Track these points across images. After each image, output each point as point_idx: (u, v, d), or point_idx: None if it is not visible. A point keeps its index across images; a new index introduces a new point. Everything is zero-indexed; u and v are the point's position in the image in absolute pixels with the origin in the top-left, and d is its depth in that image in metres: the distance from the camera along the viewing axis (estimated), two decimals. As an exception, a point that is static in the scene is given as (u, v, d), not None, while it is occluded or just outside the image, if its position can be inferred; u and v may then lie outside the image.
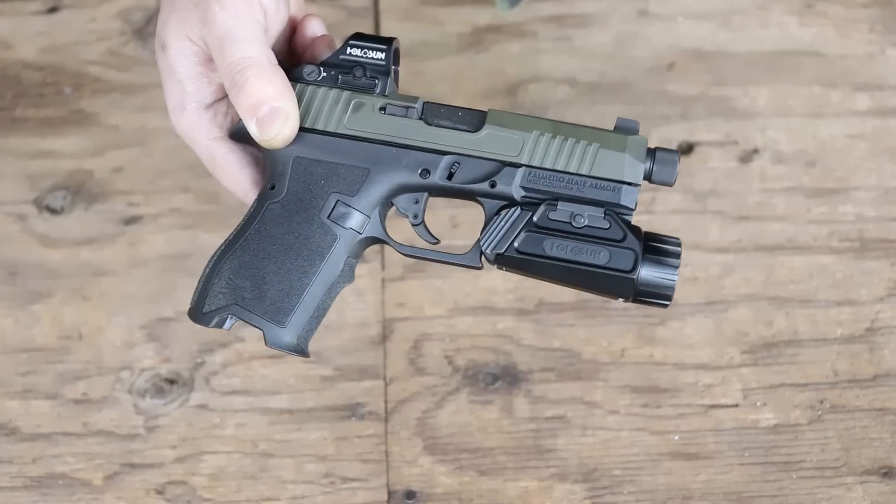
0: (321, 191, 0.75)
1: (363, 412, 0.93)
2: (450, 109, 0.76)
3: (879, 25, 1.11)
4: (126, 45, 1.12)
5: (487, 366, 0.95)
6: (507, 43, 1.11)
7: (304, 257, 0.75)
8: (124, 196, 1.04)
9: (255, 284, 0.75)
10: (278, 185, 0.76)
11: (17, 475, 0.91)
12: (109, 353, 0.96)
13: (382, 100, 0.76)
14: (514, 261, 0.74)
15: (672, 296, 0.74)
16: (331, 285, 0.76)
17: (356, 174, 0.75)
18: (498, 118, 0.75)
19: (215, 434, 0.93)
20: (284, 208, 0.76)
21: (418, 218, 0.77)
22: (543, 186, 0.74)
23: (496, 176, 0.75)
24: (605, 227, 0.74)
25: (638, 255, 0.73)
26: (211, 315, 0.75)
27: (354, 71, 0.76)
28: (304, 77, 0.76)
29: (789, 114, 1.07)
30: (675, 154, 0.74)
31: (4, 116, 1.08)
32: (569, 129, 0.75)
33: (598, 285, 0.74)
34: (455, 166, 0.75)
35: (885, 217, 1.01)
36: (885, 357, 0.95)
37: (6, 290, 0.99)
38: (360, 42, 0.76)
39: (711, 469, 0.91)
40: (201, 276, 0.77)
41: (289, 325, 0.75)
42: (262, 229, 0.76)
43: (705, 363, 0.95)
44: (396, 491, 0.90)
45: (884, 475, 0.90)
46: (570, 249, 0.74)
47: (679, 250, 0.74)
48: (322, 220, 0.75)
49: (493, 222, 0.74)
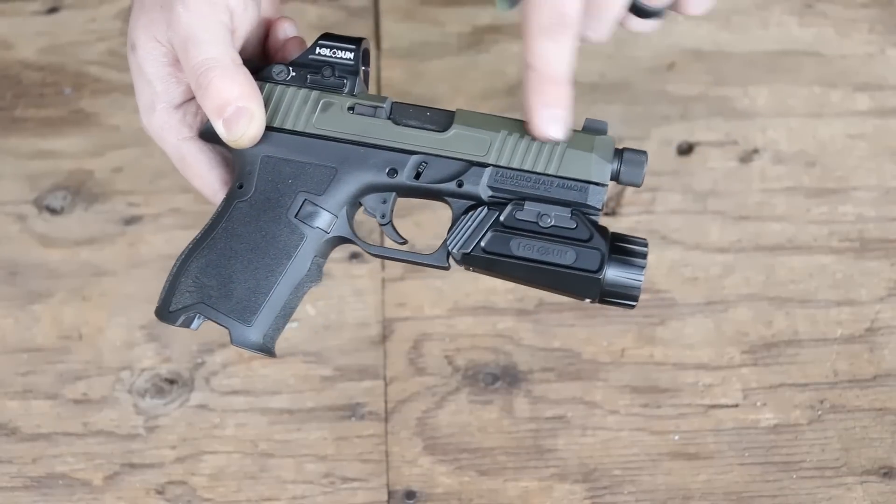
0: (289, 189, 0.76)
1: (363, 412, 0.93)
2: (418, 109, 0.76)
3: (879, 25, 1.11)
4: (126, 45, 1.12)
5: (487, 366, 0.95)
6: (507, 43, 1.11)
7: (271, 256, 0.75)
8: (124, 196, 1.04)
9: (221, 283, 0.75)
10: (246, 183, 0.76)
11: (17, 475, 0.91)
12: (109, 353, 0.96)
13: (351, 99, 0.76)
14: (481, 260, 0.74)
15: (638, 297, 0.74)
16: (297, 284, 0.76)
17: (324, 173, 0.76)
18: (465, 118, 0.76)
19: (215, 434, 0.93)
20: (252, 207, 0.76)
21: (386, 218, 0.77)
22: (510, 186, 0.74)
23: (463, 175, 0.75)
24: (571, 227, 0.74)
25: (604, 255, 0.73)
26: (177, 314, 0.76)
27: (323, 70, 0.76)
28: (272, 77, 0.77)
29: (789, 114, 1.07)
30: (642, 155, 0.74)
31: (4, 116, 1.08)
32: None
33: (564, 285, 0.74)
34: (422, 166, 0.75)
35: (885, 217, 1.01)
36: (885, 357, 0.95)
37: (6, 290, 0.99)
38: (329, 42, 0.77)
39: (711, 469, 0.91)
40: (169, 275, 0.77)
41: (255, 323, 0.75)
42: (229, 228, 0.76)
43: (705, 363, 0.95)
44: (396, 491, 0.90)
45: (884, 475, 0.90)
46: (536, 249, 0.74)
47: (645, 251, 0.74)
48: (289, 218, 0.76)
49: (459, 222, 0.75)
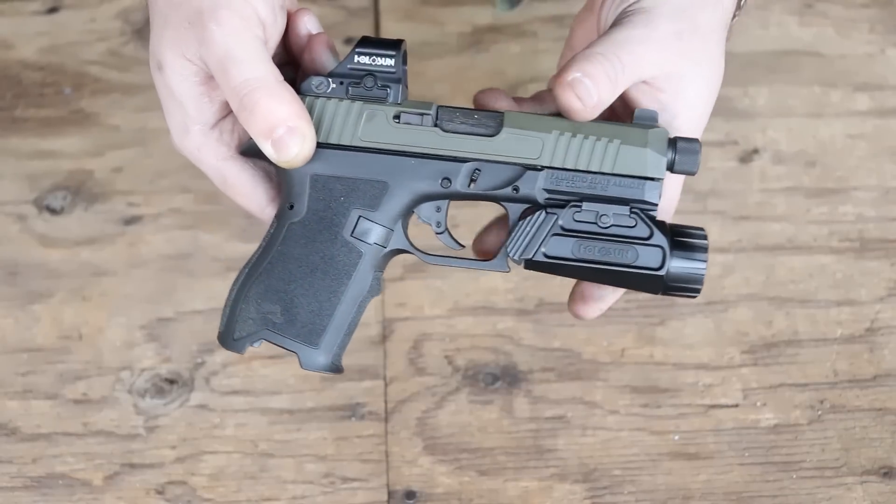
0: (342, 208, 0.74)
1: (363, 412, 0.93)
2: (465, 113, 0.74)
3: (879, 25, 1.11)
4: (126, 45, 1.12)
5: (487, 366, 0.95)
6: (507, 43, 1.11)
7: (331, 277, 0.74)
8: (124, 196, 1.04)
9: (284, 308, 0.74)
10: (297, 204, 0.74)
11: (17, 475, 0.91)
12: (109, 353, 0.96)
13: (395, 108, 0.73)
14: (544, 265, 0.73)
15: (702, 287, 0.73)
16: (360, 301, 0.75)
17: (376, 188, 0.73)
18: (515, 119, 0.73)
19: (215, 434, 0.93)
20: (306, 228, 0.74)
21: (441, 226, 0.75)
22: (567, 187, 0.73)
23: (518, 180, 0.73)
24: (630, 224, 0.73)
25: (666, 252, 0.72)
26: (243, 342, 0.74)
27: (365, 81, 0.73)
28: (312, 90, 0.73)
29: (789, 114, 1.07)
30: (696, 143, 0.73)
31: (4, 116, 1.08)
32: (588, 126, 0.73)
33: (628, 283, 0.74)
34: (476, 173, 0.73)
35: (885, 217, 1.01)
36: (885, 357, 0.95)
37: (6, 290, 0.99)
38: (368, 49, 0.73)
39: (711, 469, 0.91)
40: (227, 300, 0.76)
41: (322, 345, 0.74)
42: (285, 251, 0.74)
43: (705, 363, 0.95)
44: (396, 491, 0.90)
45: (884, 475, 0.90)
46: (597, 250, 0.73)
47: (706, 242, 0.73)
48: (345, 237, 0.74)
49: (518, 227, 0.73)
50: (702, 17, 0.74)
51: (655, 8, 0.73)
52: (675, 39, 0.73)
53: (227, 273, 1.00)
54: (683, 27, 0.73)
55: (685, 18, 0.73)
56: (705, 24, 0.74)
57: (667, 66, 0.73)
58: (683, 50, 0.73)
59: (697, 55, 0.74)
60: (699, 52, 0.74)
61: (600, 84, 0.71)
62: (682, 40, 0.73)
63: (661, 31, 0.73)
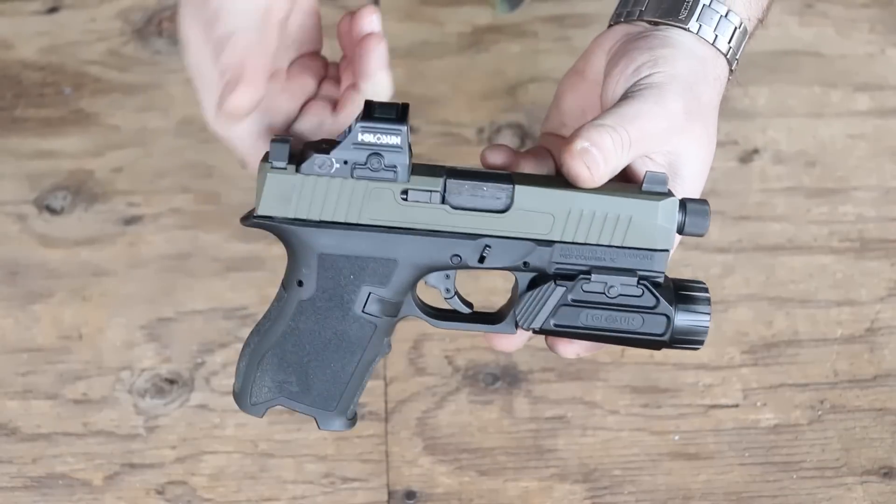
0: (352, 285, 0.73)
1: (363, 412, 0.93)
2: (474, 186, 0.72)
3: (879, 25, 1.11)
4: (126, 45, 1.12)
5: (487, 366, 0.95)
6: (507, 43, 1.11)
7: (345, 349, 0.74)
8: (124, 196, 1.04)
9: (299, 379, 0.75)
10: (307, 282, 0.73)
11: (17, 475, 0.91)
12: (109, 353, 0.96)
13: (403, 185, 0.71)
14: (552, 332, 0.74)
15: (705, 339, 0.74)
16: (372, 364, 0.76)
17: (385, 266, 0.73)
18: (526, 196, 0.72)
19: (215, 434, 0.93)
20: (316, 306, 0.73)
21: (450, 292, 0.75)
22: (576, 260, 0.72)
23: (529, 255, 0.73)
24: (637, 294, 0.73)
25: (671, 320, 0.73)
26: (260, 407, 0.75)
27: (370, 161, 0.70)
28: (315, 170, 0.70)
29: (789, 114, 1.07)
30: (705, 205, 0.73)
31: (4, 116, 1.08)
32: (598, 201, 0.72)
33: (631, 344, 0.74)
34: (486, 250, 0.72)
35: (885, 217, 1.01)
36: (885, 357, 0.95)
37: (6, 290, 0.99)
38: (372, 125, 0.70)
39: (711, 469, 0.91)
40: (239, 362, 0.76)
41: (338, 409, 0.75)
42: (297, 327, 0.74)
43: (705, 363, 0.95)
44: (396, 491, 0.90)
45: (884, 475, 0.90)
46: (604, 318, 0.73)
47: (708, 296, 0.74)
48: (357, 313, 0.73)
49: (527, 297, 0.73)
50: (704, 94, 0.75)
51: (666, 84, 0.73)
52: (683, 118, 0.73)
53: (227, 273, 1.00)
54: (691, 106, 0.73)
55: (692, 97, 0.74)
56: (707, 102, 0.75)
57: (670, 143, 0.74)
58: (687, 129, 0.74)
59: (699, 133, 0.75)
60: (701, 130, 0.75)
61: (608, 155, 0.71)
62: (689, 119, 0.73)
63: (670, 109, 0.73)
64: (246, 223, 0.73)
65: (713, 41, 0.75)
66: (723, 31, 0.76)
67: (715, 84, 0.76)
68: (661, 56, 0.74)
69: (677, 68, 0.73)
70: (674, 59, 0.74)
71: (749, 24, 0.78)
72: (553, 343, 0.77)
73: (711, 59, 0.75)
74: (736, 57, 0.77)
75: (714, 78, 0.76)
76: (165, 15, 1.14)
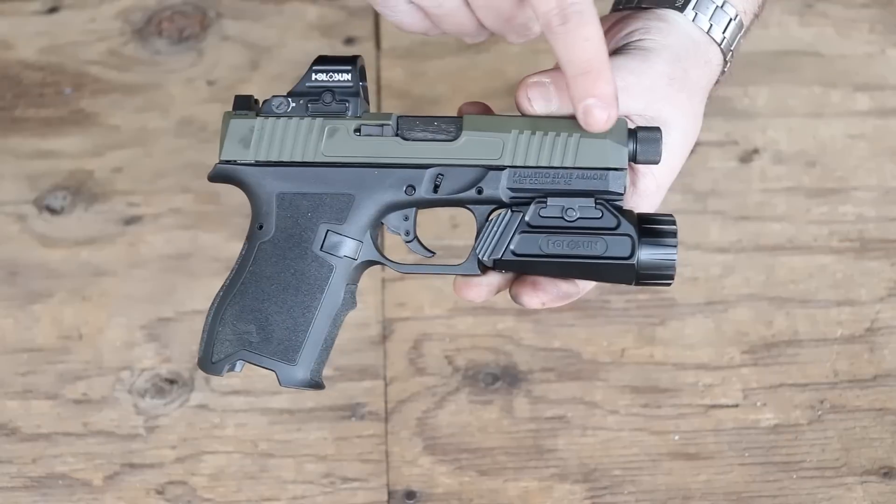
0: (309, 223, 0.75)
1: (363, 412, 0.93)
2: (425, 120, 0.75)
3: (879, 25, 1.11)
4: (126, 45, 1.12)
5: (487, 366, 0.95)
6: (506, 43, 1.11)
7: (304, 293, 0.75)
8: (124, 196, 1.04)
9: (259, 327, 0.75)
10: (266, 224, 0.75)
11: (17, 475, 0.91)
12: (109, 353, 0.96)
13: (356, 121, 0.75)
14: (513, 264, 0.74)
15: (674, 274, 0.73)
16: (335, 315, 0.75)
17: (342, 201, 0.75)
18: (474, 122, 0.75)
19: (215, 434, 0.93)
20: (276, 247, 0.75)
21: (410, 234, 0.76)
22: (530, 185, 0.74)
23: (482, 182, 0.74)
24: (597, 216, 0.73)
25: (635, 240, 0.73)
26: (220, 364, 0.75)
27: (323, 97, 0.75)
28: (273, 110, 0.75)
29: (789, 114, 1.07)
30: (656, 132, 0.73)
31: (4, 116, 1.09)
32: (546, 123, 0.74)
33: (599, 275, 0.74)
34: (439, 178, 0.74)
35: (885, 217, 1.01)
36: (885, 357, 0.95)
37: (6, 290, 0.99)
38: (324, 66, 0.75)
39: (711, 469, 0.91)
40: (205, 324, 0.76)
41: (299, 361, 0.75)
42: (257, 271, 0.75)
43: (705, 363, 0.95)
44: (396, 491, 0.90)
45: (884, 475, 0.90)
46: (566, 244, 0.73)
47: (675, 228, 0.73)
48: (315, 252, 0.75)
49: (485, 228, 0.74)
50: (693, 71, 0.76)
51: (654, 50, 0.75)
52: (667, 83, 0.75)
53: (226, 273, 0.99)
54: (676, 75, 0.75)
55: (679, 68, 0.75)
56: (695, 80, 0.76)
57: (653, 106, 0.75)
58: (671, 96, 0.75)
59: (683, 105, 0.76)
60: (685, 102, 0.76)
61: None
62: (672, 87, 0.75)
63: (655, 70, 0.74)
64: (210, 175, 0.76)
65: (708, 30, 0.77)
66: (718, 21, 0.77)
67: (705, 67, 0.77)
68: (655, 27, 0.76)
69: (669, 39, 0.76)
70: (667, 31, 0.76)
71: (745, 18, 0.79)
72: (517, 292, 0.76)
73: (704, 44, 0.77)
74: (731, 48, 0.78)
75: (705, 61, 0.77)
76: (165, 15, 1.14)
